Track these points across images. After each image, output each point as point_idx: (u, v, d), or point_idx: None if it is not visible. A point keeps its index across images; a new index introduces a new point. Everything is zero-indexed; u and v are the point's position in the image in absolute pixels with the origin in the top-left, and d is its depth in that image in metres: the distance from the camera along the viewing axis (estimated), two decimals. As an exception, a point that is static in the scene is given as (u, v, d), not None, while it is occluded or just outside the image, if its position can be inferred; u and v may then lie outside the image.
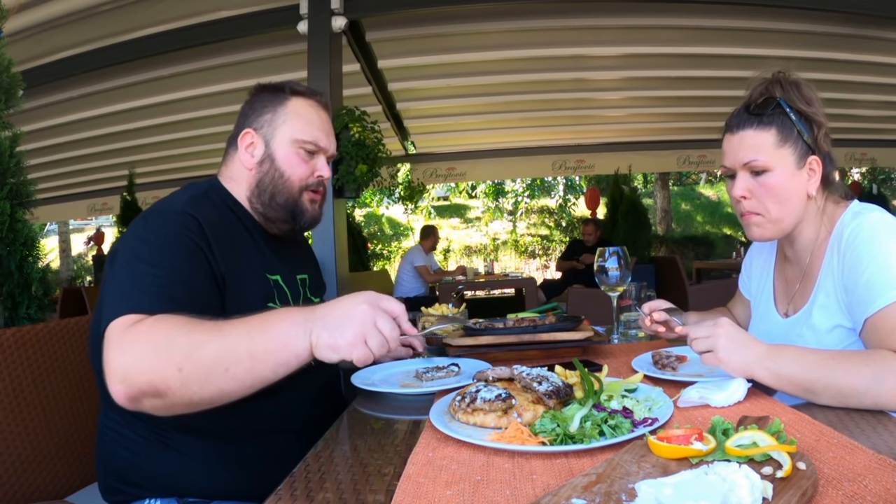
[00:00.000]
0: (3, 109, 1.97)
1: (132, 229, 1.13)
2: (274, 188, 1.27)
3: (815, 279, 1.21)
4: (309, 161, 1.30)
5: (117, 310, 0.96)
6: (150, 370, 0.88)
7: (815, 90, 1.20)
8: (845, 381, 0.94)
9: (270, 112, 1.29)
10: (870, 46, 4.76)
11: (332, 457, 0.89)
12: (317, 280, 1.45)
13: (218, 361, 0.89)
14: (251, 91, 1.36)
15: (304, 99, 1.32)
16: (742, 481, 0.59)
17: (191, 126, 6.18)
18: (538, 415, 0.91)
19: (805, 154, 1.18)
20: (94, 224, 14.92)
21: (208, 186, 1.29)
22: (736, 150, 1.20)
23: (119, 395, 0.90)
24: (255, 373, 0.90)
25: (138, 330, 0.92)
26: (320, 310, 0.93)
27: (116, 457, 1.14)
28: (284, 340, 0.90)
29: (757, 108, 1.19)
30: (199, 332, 0.91)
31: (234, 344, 0.89)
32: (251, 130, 1.29)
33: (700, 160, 8.03)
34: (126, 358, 0.90)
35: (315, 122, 1.31)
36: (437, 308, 1.80)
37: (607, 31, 4.77)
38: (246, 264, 1.19)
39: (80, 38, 4.20)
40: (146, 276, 1.02)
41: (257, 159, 1.28)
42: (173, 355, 0.88)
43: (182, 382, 0.88)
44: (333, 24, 3.68)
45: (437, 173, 8.10)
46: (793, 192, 1.18)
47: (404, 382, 1.26)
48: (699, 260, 11.65)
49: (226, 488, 1.13)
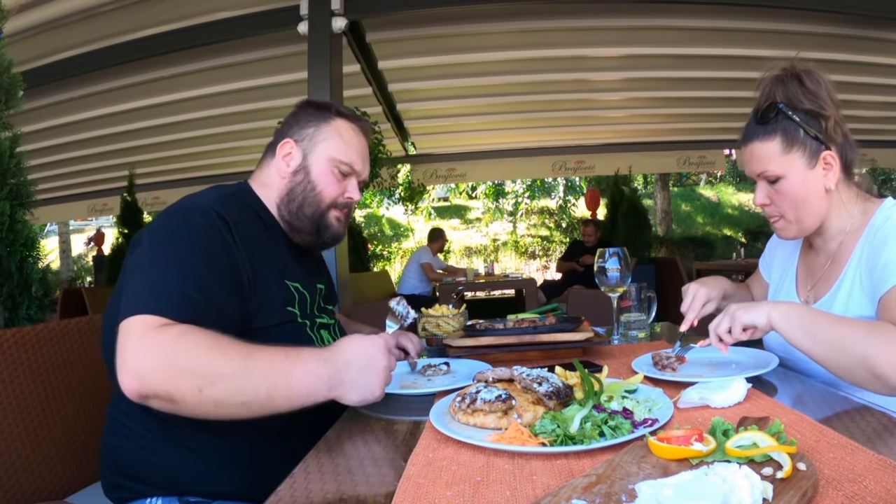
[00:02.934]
0: (4, 110, 1.97)
1: (159, 222, 1.13)
2: (304, 199, 1.29)
3: (840, 269, 1.23)
4: (342, 181, 1.32)
5: (139, 305, 0.96)
6: (170, 382, 0.91)
7: (821, 80, 1.20)
8: (844, 332, 1.00)
9: (314, 127, 1.32)
10: (870, 47, 4.77)
11: (332, 457, 0.89)
12: (330, 290, 1.47)
13: (237, 395, 0.93)
14: (298, 105, 1.38)
15: (347, 122, 1.35)
16: (742, 482, 0.59)
17: (191, 127, 6.18)
18: (538, 416, 0.91)
19: (816, 151, 1.19)
20: (94, 224, 14.92)
21: (238, 188, 1.30)
22: (749, 162, 1.25)
23: (130, 389, 0.92)
24: (269, 409, 0.95)
25: (163, 338, 0.93)
26: (343, 365, 0.98)
27: (122, 451, 1.13)
28: (307, 391, 0.96)
29: (761, 117, 1.22)
30: (224, 361, 0.93)
31: (257, 385, 0.93)
32: (291, 141, 1.31)
33: (700, 161, 8.03)
34: (146, 362, 0.92)
35: (354, 146, 1.34)
36: (437, 309, 1.80)
37: (607, 32, 4.78)
38: (268, 268, 1.20)
39: (80, 39, 4.21)
40: (171, 273, 1.02)
41: (292, 169, 1.30)
42: (195, 377, 0.91)
43: (198, 401, 0.92)
44: (334, 24, 3.68)
45: (437, 174, 8.11)
46: (810, 191, 1.20)
47: (404, 383, 1.26)
48: (699, 261, 11.66)
49: (230, 488, 1.13)
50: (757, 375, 1.09)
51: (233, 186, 1.30)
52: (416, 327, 1.77)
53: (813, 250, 1.35)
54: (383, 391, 1.01)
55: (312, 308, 1.31)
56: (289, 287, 1.24)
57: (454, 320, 1.74)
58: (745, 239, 14.45)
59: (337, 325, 1.41)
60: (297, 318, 1.23)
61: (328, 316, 1.37)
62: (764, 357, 1.21)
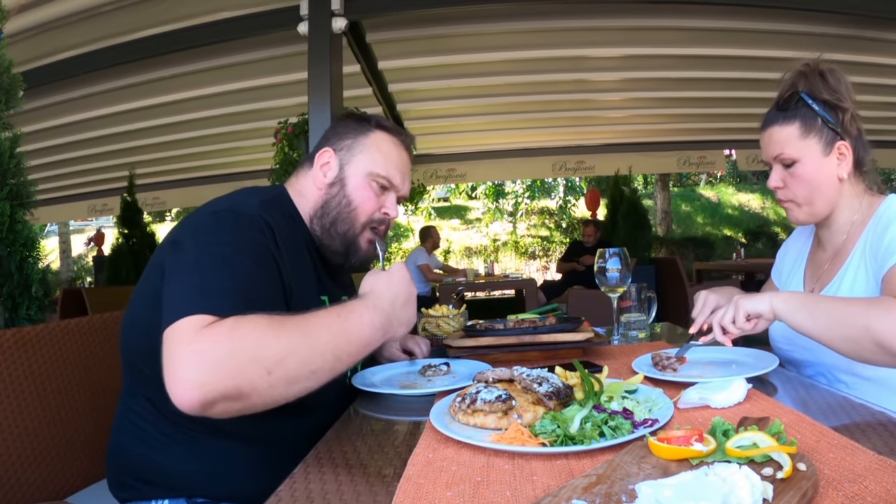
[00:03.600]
0: (4, 110, 1.98)
1: (200, 223, 1.08)
2: (338, 214, 1.26)
3: (845, 259, 1.28)
4: (379, 196, 1.29)
5: (188, 308, 0.91)
6: (238, 374, 0.86)
7: (842, 76, 1.26)
8: (843, 307, 1.05)
9: (352, 139, 1.29)
10: (870, 47, 4.77)
11: (332, 458, 0.89)
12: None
13: (307, 365, 0.92)
14: (339, 116, 1.38)
15: (387, 134, 1.32)
16: (742, 482, 0.59)
17: (191, 127, 6.18)
18: (538, 416, 0.91)
19: (832, 140, 1.24)
20: (94, 225, 14.91)
21: (277, 194, 1.27)
22: (767, 145, 1.30)
23: (191, 400, 0.84)
24: (336, 370, 0.96)
25: (218, 332, 0.88)
26: (389, 307, 1.04)
27: (132, 451, 1.12)
28: (365, 342, 1.00)
29: (783, 103, 1.28)
30: (287, 336, 0.91)
31: (322, 350, 0.94)
32: (330, 150, 1.29)
33: (700, 161, 8.04)
34: (205, 364, 0.85)
35: (393, 160, 1.31)
36: (437, 309, 1.80)
37: (607, 32, 4.78)
38: (303, 277, 1.18)
39: (80, 39, 4.21)
40: (219, 275, 0.98)
41: (329, 180, 1.27)
42: (262, 360, 0.87)
43: (270, 385, 0.88)
44: (334, 25, 3.68)
45: (437, 174, 8.11)
46: (823, 178, 1.25)
47: (404, 383, 1.26)
48: (699, 261, 11.65)
49: (241, 491, 1.12)
50: (757, 375, 1.09)
51: (272, 191, 1.28)
52: (416, 327, 1.77)
53: (821, 248, 1.39)
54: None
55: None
56: (319, 299, 1.23)
57: (454, 320, 1.74)
58: (745, 239, 14.46)
59: None
60: None
61: None
62: (764, 357, 1.21)
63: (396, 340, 1.04)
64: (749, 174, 16.77)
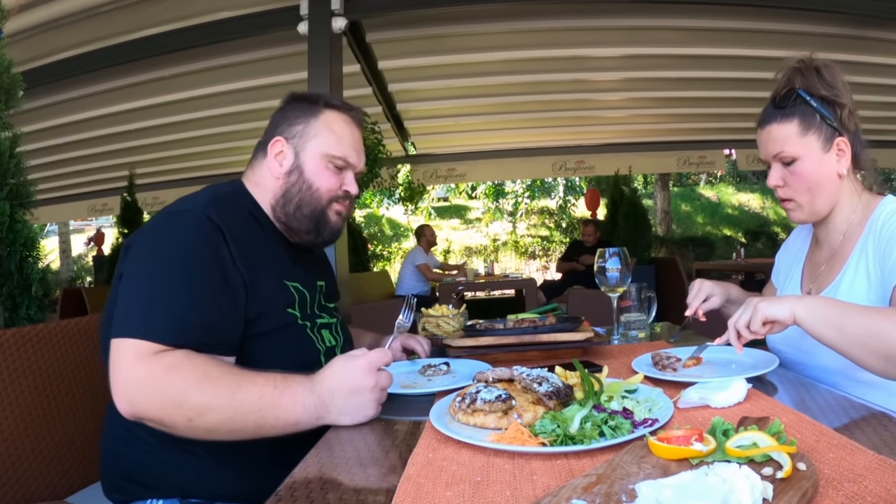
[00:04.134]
0: (4, 110, 1.97)
1: (152, 232, 1.11)
2: (301, 199, 1.27)
3: (843, 261, 1.26)
4: (338, 175, 1.30)
5: (131, 328, 0.99)
6: (162, 411, 0.96)
7: (837, 72, 1.25)
8: (876, 320, 0.98)
9: (303, 123, 1.29)
10: (870, 47, 4.76)
11: (332, 457, 0.89)
12: (332, 287, 1.45)
13: (226, 425, 0.98)
14: (284, 100, 1.35)
15: (337, 113, 1.31)
16: (742, 482, 0.59)
17: (191, 127, 6.18)
18: (538, 416, 0.91)
19: (831, 136, 1.23)
20: (94, 225, 14.91)
21: (232, 189, 1.28)
22: (765, 144, 1.28)
23: (123, 411, 0.97)
24: (259, 436, 1.00)
25: (153, 369, 0.96)
26: (327, 394, 1.00)
27: (126, 455, 1.13)
28: (294, 421, 1.00)
29: (780, 100, 1.26)
30: (213, 394, 0.97)
31: (245, 416, 0.97)
32: (282, 139, 1.28)
33: (700, 161, 8.03)
34: (137, 390, 0.96)
35: (347, 139, 1.30)
36: (437, 309, 1.80)
37: (607, 32, 4.77)
38: (266, 271, 1.18)
39: (80, 39, 4.20)
40: (164, 293, 1.02)
41: (286, 169, 1.27)
42: (186, 409, 0.96)
43: (188, 429, 0.97)
44: (334, 24, 3.67)
45: (437, 174, 8.11)
46: (824, 175, 1.24)
47: (404, 383, 1.26)
48: (699, 261, 11.66)
49: (233, 490, 1.12)
50: (757, 375, 1.09)
51: (226, 186, 1.28)
52: (416, 327, 1.77)
53: (818, 247, 1.38)
54: (377, 409, 1.04)
55: (313, 308, 1.30)
56: (288, 288, 1.22)
57: (454, 320, 1.74)
58: (745, 239, 14.45)
59: (339, 324, 1.39)
60: (298, 319, 1.23)
61: (329, 315, 1.36)
62: (764, 357, 1.21)
63: (347, 425, 1.01)
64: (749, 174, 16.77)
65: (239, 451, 1.11)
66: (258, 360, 1.12)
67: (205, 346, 1.03)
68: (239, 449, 1.11)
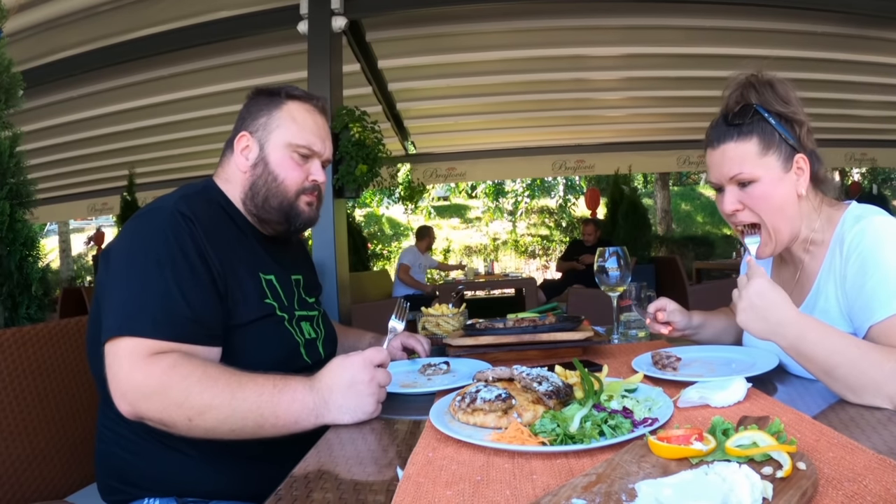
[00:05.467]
0: (4, 109, 1.97)
1: (126, 235, 1.13)
2: (268, 191, 1.27)
3: (812, 282, 1.19)
4: (303, 165, 1.30)
5: (120, 328, 1.01)
6: (162, 411, 0.98)
7: (790, 87, 1.18)
8: (867, 372, 0.92)
9: (265, 116, 1.29)
10: (870, 47, 4.76)
11: (331, 457, 0.89)
12: (311, 280, 1.46)
13: (226, 424, 0.99)
14: (248, 95, 1.36)
15: (299, 103, 1.32)
16: (742, 481, 0.59)
17: (191, 126, 6.17)
18: (538, 415, 0.91)
19: (790, 155, 1.15)
20: (94, 224, 14.91)
21: (202, 186, 1.30)
22: (720, 165, 1.18)
23: (125, 412, 0.99)
24: (259, 436, 1.01)
25: (153, 371, 0.98)
26: (326, 391, 1.02)
27: (115, 457, 1.14)
28: (294, 420, 1.01)
29: (735, 117, 1.16)
30: (213, 394, 0.98)
31: (245, 415, 0.99)
32: (246, 133, 1.29)
33: (700, 160, 8.01)
34: (138, 391, 0.98)
35: (309, 127, 1.31)
36: (437, 308, 1.80)
37: (607, 31, 4.77)
38: (241, 263, 1.20)
39: (79, 38, 4.20)
40: (150, 290, 1.04)
41: (251, 162, 1.28)
42: (186, 408, 0.97)
43: (188, 428, 0.99)
44: (333, 24, 3.67)
45: (437, 173, 8.10)
46: (784, 197, 1.15)
47: (404, 382, 1.26)
48: (699, 260, 11.64)
49: (225, 488, 1.13)
50: (757, 375, 1.09)
51: (198, 185, 1.30)
52: (415, 326, 1.77)
53: (784, 264, 1.31)
54: (377, 406, 1.04)
55: (292, 300, 1.30)
56: (262, 280, 1.24)
57: (454, 319, 1.74)
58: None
59: (320, 318, 1.40)
60: (276, 310, 1.23)
61: (309, 308, 1.36)
62: (764, 357, 1.21)
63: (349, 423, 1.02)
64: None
65: (232, 451, 1.11)
66: (238, 352, 1.13)
67: (194, 337, 1.05)
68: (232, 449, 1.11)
